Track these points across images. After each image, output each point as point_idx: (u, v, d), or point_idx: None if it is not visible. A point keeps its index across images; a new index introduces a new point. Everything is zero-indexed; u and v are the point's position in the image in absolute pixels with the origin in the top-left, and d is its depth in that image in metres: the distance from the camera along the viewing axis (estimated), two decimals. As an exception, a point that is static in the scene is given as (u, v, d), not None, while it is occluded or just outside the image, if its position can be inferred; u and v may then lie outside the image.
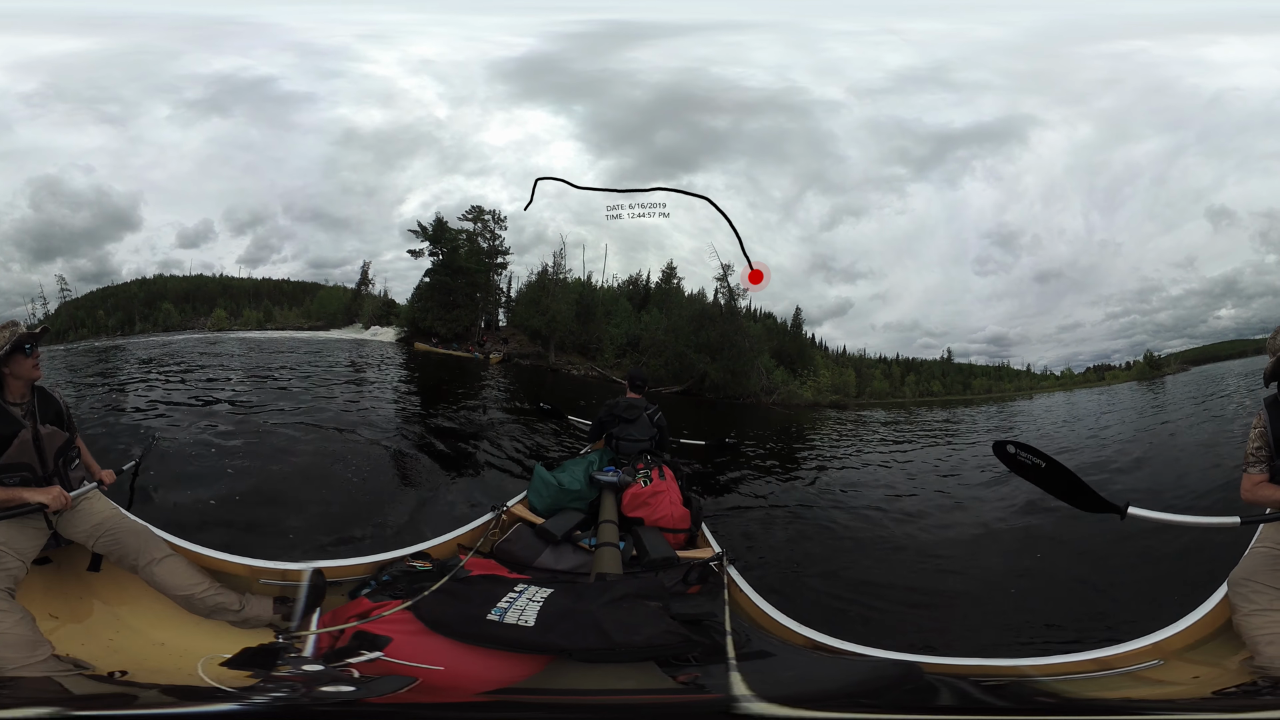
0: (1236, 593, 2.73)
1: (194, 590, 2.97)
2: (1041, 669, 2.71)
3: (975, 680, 2.49)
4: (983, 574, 5.25)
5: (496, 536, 3.77)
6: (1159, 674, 2.67)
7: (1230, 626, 2.75)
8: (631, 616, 2.35)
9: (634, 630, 2.26)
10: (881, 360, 14.36)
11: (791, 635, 2.98)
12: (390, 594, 2.80)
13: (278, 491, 5.75)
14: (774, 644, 2.90)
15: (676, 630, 2.34)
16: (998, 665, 2.78)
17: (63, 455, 3.05)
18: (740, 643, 2.42)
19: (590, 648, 2.22)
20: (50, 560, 3.18)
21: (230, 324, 15.18)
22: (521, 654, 2.25)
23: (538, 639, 2.23)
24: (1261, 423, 2.94)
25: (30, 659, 2.57)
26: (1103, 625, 4.14)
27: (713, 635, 2.45)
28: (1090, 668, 2.69)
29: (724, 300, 13.84)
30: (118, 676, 2.67)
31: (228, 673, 2.49)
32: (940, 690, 2.23)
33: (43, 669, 2.58)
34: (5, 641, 2.56)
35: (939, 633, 4.28)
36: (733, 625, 2.54)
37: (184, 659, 2.81)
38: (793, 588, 4.84)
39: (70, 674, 2.64)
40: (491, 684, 2.19)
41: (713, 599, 2.90)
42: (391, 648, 2.27)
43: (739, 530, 6.04)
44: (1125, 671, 2.67)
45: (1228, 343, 12.34)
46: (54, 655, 2.65)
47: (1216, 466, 7.08)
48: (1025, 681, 2.67)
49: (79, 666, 2.70)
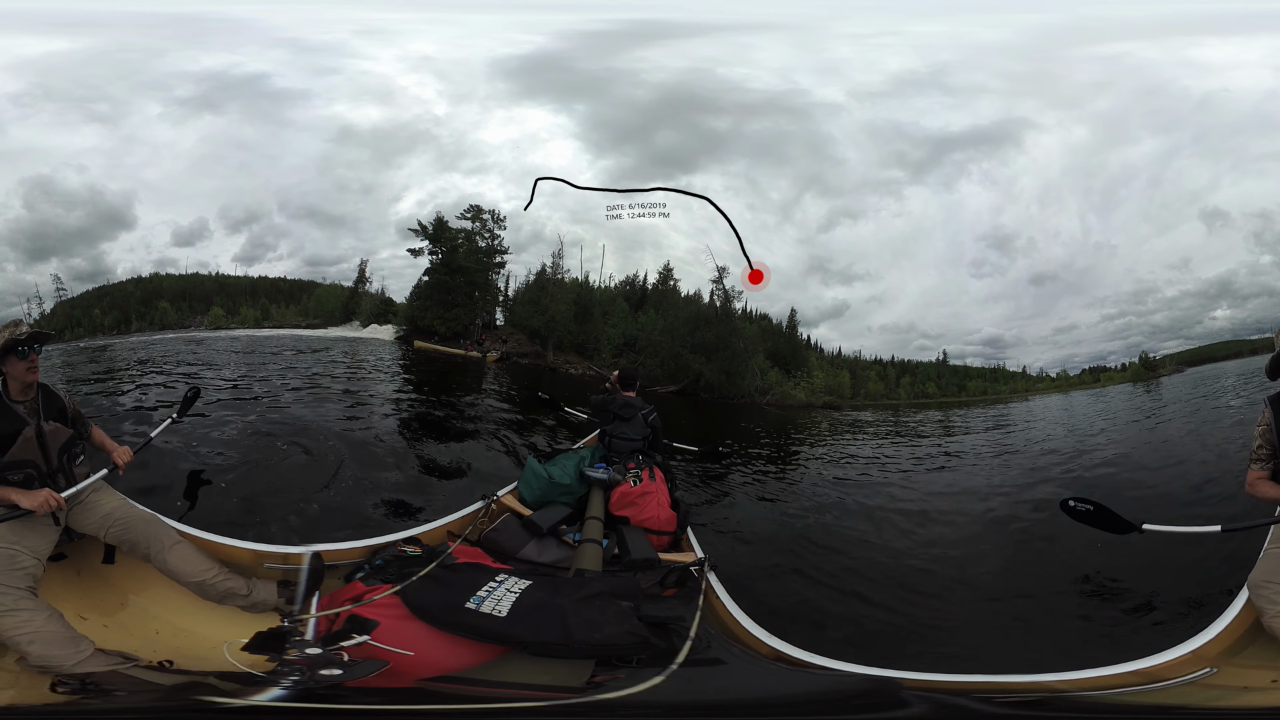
0: (1259, 595, 2.78)
1: (205, 576, 3.01)
2: (1076, 683, 2.62)
3: (980, 696, 2.45)
4: (977, 586, 5.17)
5: (485, 525, 3.82)
6: (1219, 680, 2.64)
7: (1260, 628, 2.77)
8: (600, 614, 2.41)
9: (595, 628, 2.32)
10: (877, 362, 14.38)
11: (759, 645, 2.98)
12: (382, 578, 2.90)
13: (276, 479, 5.78)
14: (734, 653, 2.90)
15: (637, 631, 2.39)
16: (1016, 681, 2.68)
17: (67, 452, 3.08)
18: (698, 649, 2.45)
19: (547, 641, 2.27)
20: (65, 556, 3.22)
21: (228, 322, 15.19)
22: (485, 643, 2.32)
23: (504, 630, 2.30)
24: (1265, 420, 3.01)
25: (78, 655, 2.59)
26: (1103, 634, 4.11)
27: (673, 639, 2.47)
28: (1136, 679, 2.64)
29: (719, 302, 13.88)
30: (168, 666, 2.73)
31: (247, 657, 2.60)
32: (921, 706, 2.22)
33: (96, 664, 2.60)
34: (45, 640, 2.57)
35: (936, 645, 4.16)
36: (699, 631, 2.57)
37: (209, 645, 2.88)
38: (776, 597, 4.75)
39: (128, 666, 2.66)
40: (443, 670, 2.25)
41: (686, 604, 2.94)
42: (378, 632, 2.36)
43: (726, 535, 5.98)
44: (1186, 681, 2.62)
45: (1223, 343, 12.34)
46: (99, 650, 2.67)
47: (1204, 463, 7.07)
48: (1068, 697, 2.57)
49: (128, 659, 2.72)
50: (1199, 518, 5.40)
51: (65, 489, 3.00)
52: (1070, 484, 7.92)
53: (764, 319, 14.53)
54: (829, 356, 14.52)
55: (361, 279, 15.68)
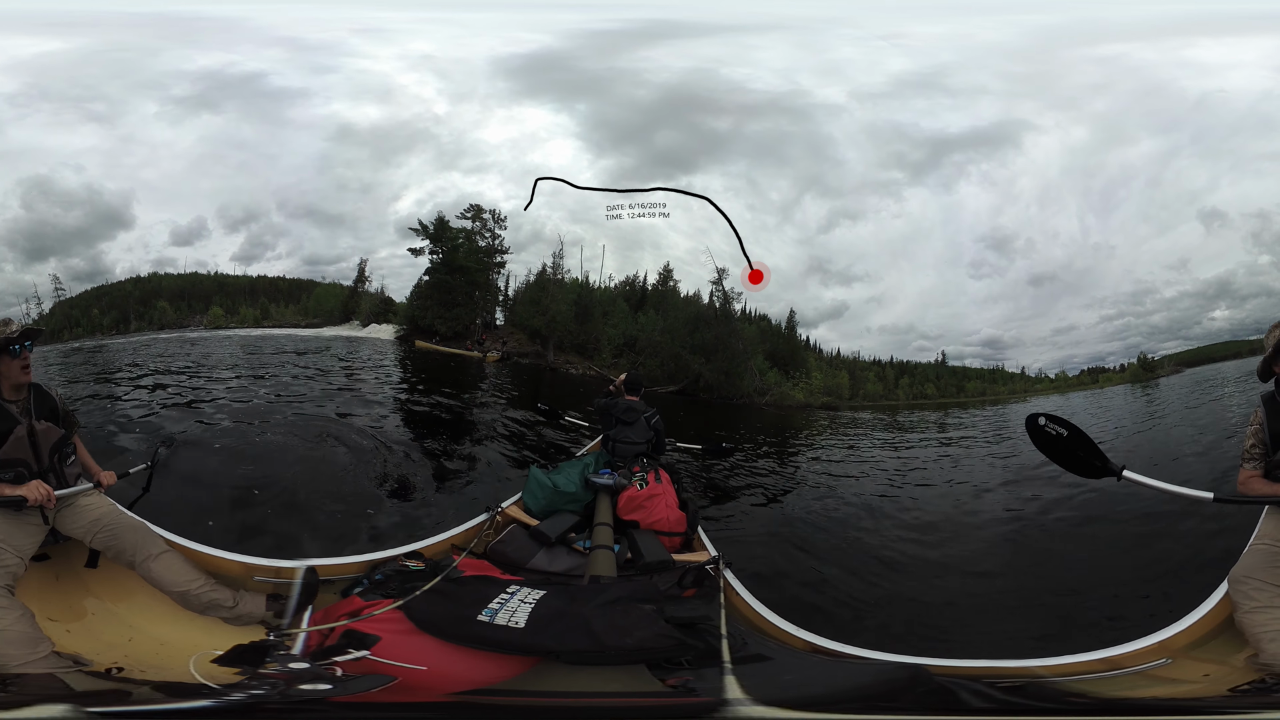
0: (1237, 590, 2.77)
1: (189, 586, 2.99)
2: (1053, 669, 2.69)
3: (988, 682, 2.45)
4: (979, 576, 5.26)
5: (490, 537, 3.79)
6: (1169, 672, 2.69)
7: (1230, 623, 2.77)
8: (624, 619, 2.36)
9: (625, 632, 2.27)
10: (876, 363, 14.40)
11: (790, 639, 2.98)
12: (382, 593, 2.81)
13: (274, 489, 5.77)
14: (772, 648, 2.89)
15: (669, 633, 2.34)
16: (1008, 666, 2.76)
17: (58, 451, 3.08)
18: (736, 646, 2.41)
19: (579, 649, 2.22)
20: (49, 557, 3.19)
21: (227, 321, 15.15)
22: (509, 655, 2.27)
23: (527, 640, 2.24)
24: (1258, 419, 3.02)
25: (32, 655, 2.59)
26: (1095, 622, 4.17)
27: (707, 639, 2.43)
28: (1100, 667, 2.70)
29: (719, 303, 13.91)
30: (115, 673, 2.70)
31: (218, 670, 2.51)
32: (954, 693, 2.19)
33: (44, 665, 2.60)
34: (7, 639, 2.58)
35: (940, 634, 4.29)
36: (729, 629, 2.53)
37: (179, 656, 2.79)
38: (791, 591, 4.84)
39: (70, 670, 2.65)
40: (471, 684, 2.20)
41: (708, 602, 2.89)
42: (379, 647, 2.28)
43: (736, 533, 6.06)
44: (1137, 670, 2.68)
45: (1222, 344, 12.37)
46: (54, 652, 2.67)
47: (1202, 454, 7.11)
48: (1043, 682, 2.64)
49: (78, 663, 2.72)
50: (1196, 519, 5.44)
51: (56, 489, 2.99)
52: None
53: (763, 320, 14.56)
54: (828, 357, 14.55)
55: (361, 278, 15.64)
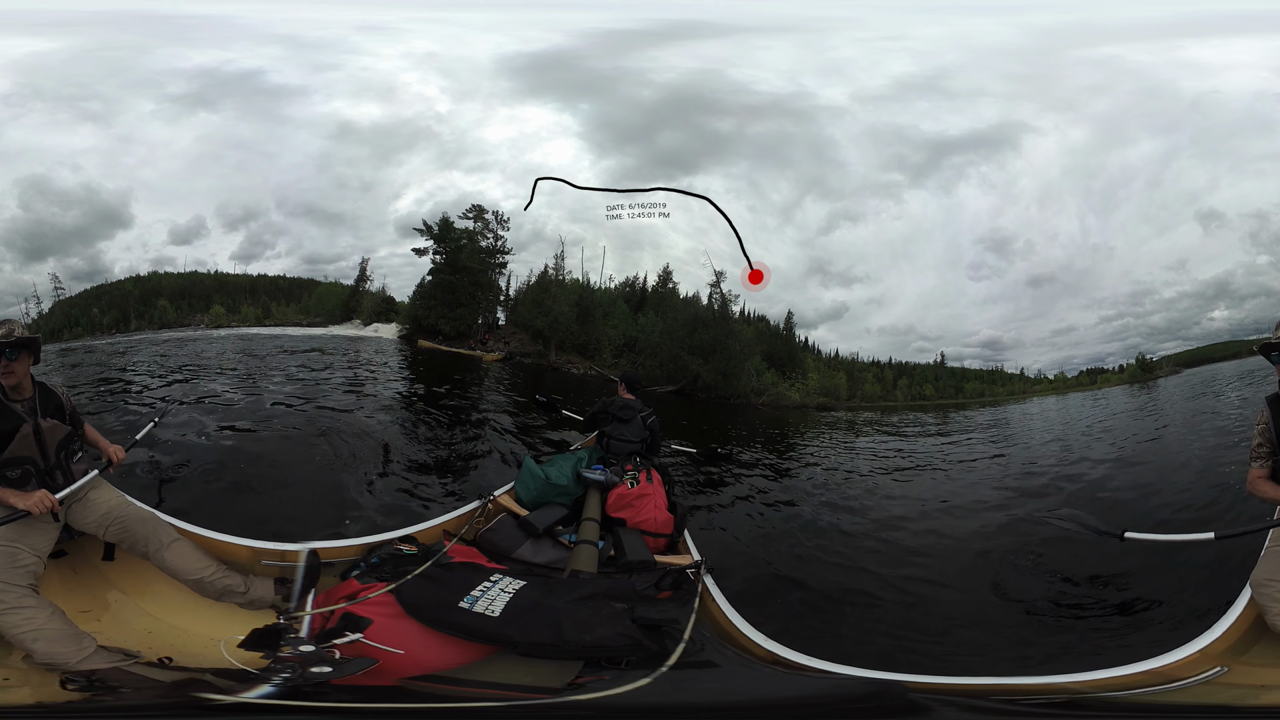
0: (1262, 593, 2.80)
1: (204, 573, 3.06)
2: (1096, 684, 2.60)
3: (1008, 698, 2.43)
4: (973, 589, 5.18)
5: (481, 525, 3.86)
6: (1234, 680, 2.66)
7: (1259, 627, 2.80)
8: (593, 616, 2.42)
9: (587, 629, 2.34)
10: (875, 364, 14.42)
11: (755, 648, 2.98)
12: (377, 576, 2.94)
13: (275, 477, 5.86)
14: (728, 656, 2.90)
15: (630, 633, 2.40)
16: (1033, 683, 2.66)
17: (64, 449, 3.13)
18: (691, 651, 2.45)
19: (538, 642, 2.29)
20: (65, 553, 3.27)
21: (228, 320, 15.21)
22: (476, 643, 2.35)
23: (496, 630, 2.32)
24: (1264, 419, 3.06)
25: (81, 651, 2.63)
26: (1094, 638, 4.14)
27: (666, 642, 2.47)
28: (1149, 679, 2.63)
29: (717, 305, 13.98)
30: (167, 663, 2.77)
31: (243, 653, 2.62)
32: (930, 709, 2.20)
33: (98, 661, 2.64)
34: (48, 637, 2.61)
35: (928, 650, 4.16)
36: (693, 634, 2.57)
37: (203, 642, 2.93)
38: (775, 601, 4.75)
39: (129, 663, 2.70)
40: (429, 669, 2.28)
41: (681, 606, 2.94)
42: (371, 630, 2.38)
43: (724, 537, 6.01)
44: (1201, 680, 2.62)
45: (1221, 344, 12.36)
46: (101, 647, 2.72)
47: (1204, 468, 7.12)
48: (1098, 698, 2.55)
49: (128, 655, 2.76)
50: (1194, 523, 5.44)
51: (63, 485, 3.05)
52: (1065, 485, 7.97)
53: (761, 321, 14.60)
54: (827, 358, 14.57)
55: (363, 277, 15.69)
